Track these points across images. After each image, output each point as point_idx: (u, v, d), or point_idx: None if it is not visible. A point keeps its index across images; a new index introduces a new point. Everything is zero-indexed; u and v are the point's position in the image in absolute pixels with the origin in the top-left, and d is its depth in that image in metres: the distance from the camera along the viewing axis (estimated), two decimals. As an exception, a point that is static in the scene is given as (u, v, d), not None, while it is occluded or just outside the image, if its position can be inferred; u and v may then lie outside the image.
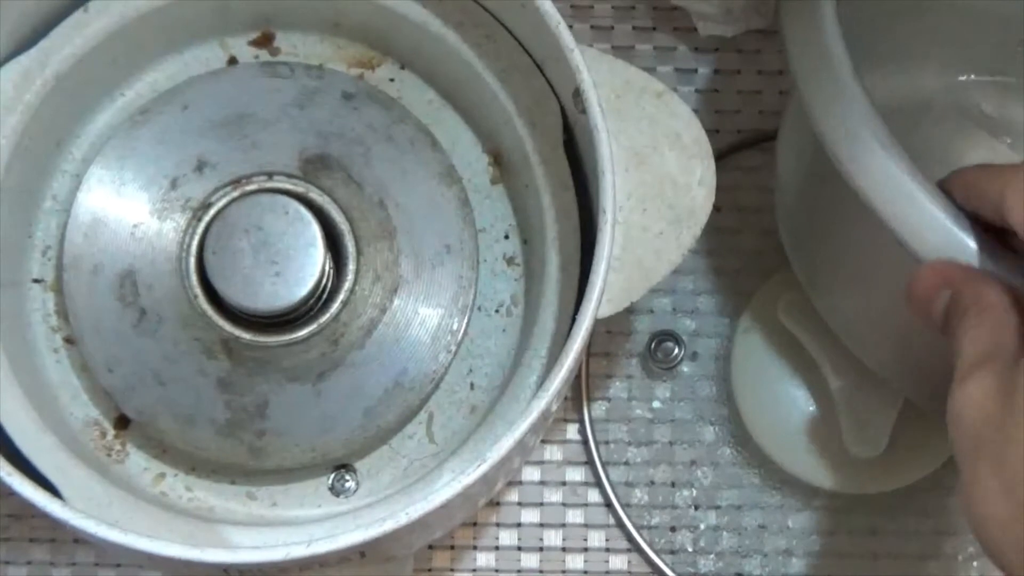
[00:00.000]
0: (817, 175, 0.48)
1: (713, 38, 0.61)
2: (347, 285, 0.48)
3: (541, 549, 0.58)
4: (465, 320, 0.49)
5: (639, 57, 0.62)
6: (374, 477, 0.49)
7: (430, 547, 0.57)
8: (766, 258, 0.60)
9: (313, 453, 0.48)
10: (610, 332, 0.59)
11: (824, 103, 0.43)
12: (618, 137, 0.46)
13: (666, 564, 0.57)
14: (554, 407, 0.44)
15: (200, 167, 0.49)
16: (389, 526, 0.40)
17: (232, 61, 0.52)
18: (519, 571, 0.57)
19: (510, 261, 0.51)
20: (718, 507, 0.58)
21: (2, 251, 0.48)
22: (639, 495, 0.58)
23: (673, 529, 0.58)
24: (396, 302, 0.49)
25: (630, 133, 0.47)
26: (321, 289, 0.47)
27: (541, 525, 0.58)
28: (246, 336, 0.47)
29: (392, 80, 0.52)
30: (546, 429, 0.50)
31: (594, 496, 0.58)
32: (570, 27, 0.46)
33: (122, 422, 0.49)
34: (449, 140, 0.51)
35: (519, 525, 0.58)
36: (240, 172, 0.49)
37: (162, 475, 0.49)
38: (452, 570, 0.57)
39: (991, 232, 0.40)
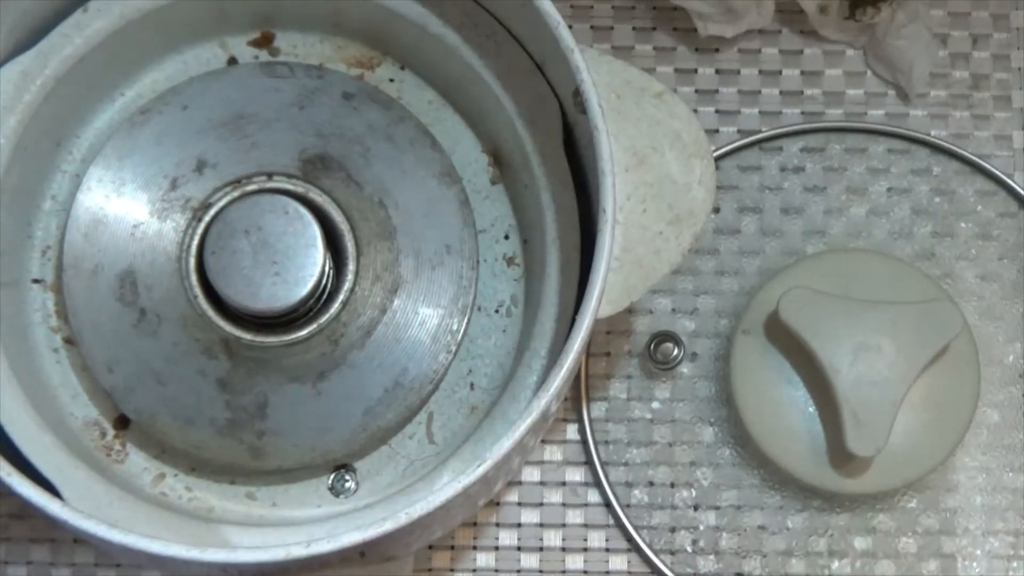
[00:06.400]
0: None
1: (713, 38, 0.61)
2: (347, 285, 0.48)
3: (541, 549, 0.58)
4: (465, 320, 0.49)
5: (639, 57, 0.62)
6: (374, 477, 0.49)
7: (430, 547, 0.57)
8: (766, 258, 0.60)
9: (313, 453, 0.48)
10: (610, 332, 0.59)
11: None
12: (618, 137, 0.46)
13: (665, 564, 0.57)
14: (554, 407, 0.44)
15: (200, 167, 0.49)
16: (389, 526, 0.40)
17: (232, 61, 0.52)
18: (519, 571, 0.57)
19: (510, 261, 0.51)
20: (718, 507, 0.58)
21: (2, 251, 0.48)
22: (639, 495, 0.58)
23: (673, 529, 0.58)
24: (396, 302, 0.49)
25: (630, 133, 0.47)
26: (321, 289, 0.47)
27: (541, 525, 0.58)
28: (246, 336, 0.47)
29: (392, 80, 0.52)
30: (546, 429, 0.50)
31: (594, 496, 0.58)
32: (570, 27, 0.46)
33: (122, 422, 0.49)
34: (449, 140, 0.51)
35: (519, 525, 0.58)
36: (240, 172, 0.49)
37: (162, 475, 0.49)
38: (452, 570, 0.57)
39: None
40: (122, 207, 0.49)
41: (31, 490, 0.41)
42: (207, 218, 0.48)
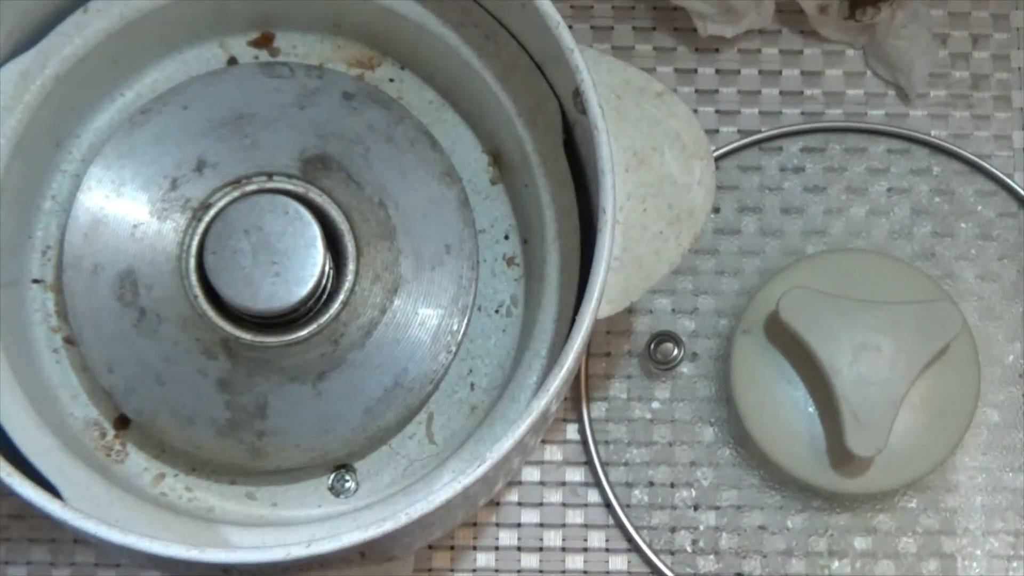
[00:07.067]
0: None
1: (713, 38, 0.61)
2: (347, 285, 0.48)
3: (541, 549, 0.58)
4: (465, 320, 0.49)
5: (639, 57, 0.62)
6: (374, 477, 0.49)
7: (430, 547, 0.57)
8: (766, 258, 0.60)
9: (313, 453, 0.48)
10: (610, 332, 0.59)
11: None
12: (618, 137, 0.46)
13: (665, 565, 0.57)
14: (554, 407, 0.44)
15: (200, 167, 0.49)
16: (389, 526, 0.40)
17: (232, 61, 0.52)
18: (519, 571, 0.57)
19: (510, 261, 0.51)
20: (718, 508, 0.58)
21: (2, 251, 0.48)
22: (639, 495, 0.58)
23: (673, 530, 0.58)
24: (396, 302, 0.49)
25: (630, 133, 0.47)
26: (321, 289, 0.47)
27: (541, 525, 0.58)
28: (246, 336, 0.47)
29: (392, 80, 0.52)
30: (546, 429, 0.50)
31: (594, 496, 0.58)
32: (570, 27, 0.46)
33: (122, 422, 0.49)
34: (449, 140, 0.51)
35: (519, 525, 0.58)
36: (240, 172, 0.49)
37: (162, 475, 0.49)
38: (452, 570, 0.57)
39: None
40: (122, 207, 0.49)
41: (31, 490, 0.41)
42: (207, 218, 0.48)
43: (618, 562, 0.57)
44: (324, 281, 0.47)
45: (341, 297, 0.48)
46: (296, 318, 0.48)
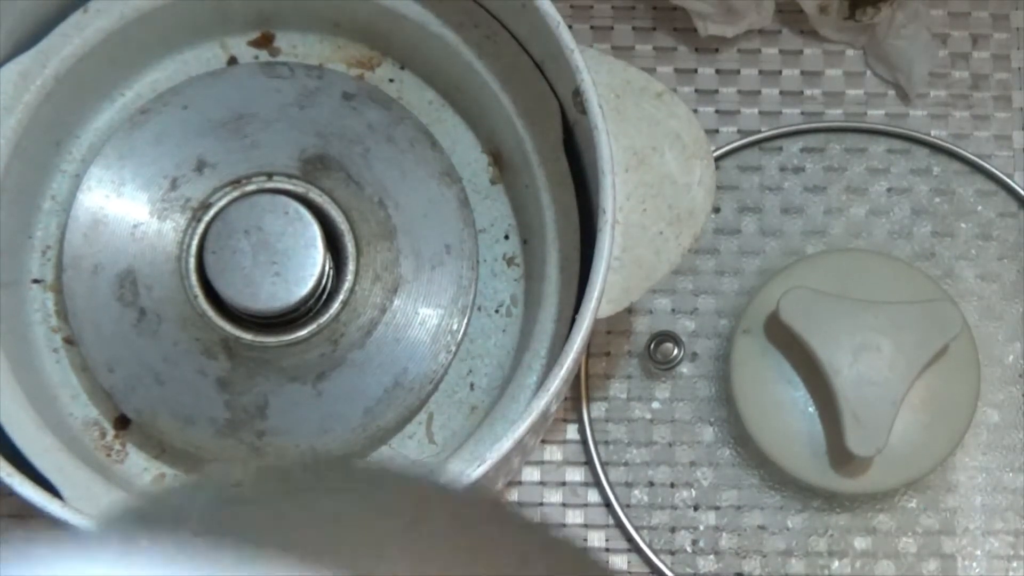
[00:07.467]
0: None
1: (713, 38, 0.61)
2: (347, 285, 0.48)
3: (541, 549, 0.57)
4: (465, 320, 0.49)
5: (639, 57, 0.62)
6: (374, 477, 0.49)
7: (430, 547, 0.57)
8: (766, 258, 0.60)
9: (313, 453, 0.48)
10: (610, 332, 0.59)
11: None
12: (618, 137, 0.46)
13: (665, 564, 0.57)
14: (554, 407, 0.44)
15: (200, 167, 0.49)
16: (389, 526, 0.40)
17: (232, 61, 0.52)
18: (519, 571, 0.57)
19: (510, 261, 0.51)
20: (717, 508, 0.58)
21: (2, 251, 0.48)
22: (638, 495, 0.58)
23: (673, 530, 0.58)
24: (396, 302, 0.49)
25: (630, 133, 0.47)
26: (321, 289, 0.47)
27: (541, 525, 0.58)
28: (246, 336, 0.47)
29: (392, 80, 0.52)
30: (546, 429, 0.50)
31: (593, 496, 0.58)
32: (570, 27, 0.46)
33: (122, 422, 0.49)
34: (449, 140, 0.51)
35: (519, 525, 0.58)
36: (240, 172, 0.49)
37: (162, 475, 0.49)
38: (452, 570, 0.57)
39: None
40: (122, 207, 0.49)
41: (31, 490, 0.41)
42: (207, 218, 0.48)
43: (618, 562, 0.57)
44: (324, 281, 0.47)
45: (341, 297, 0.48)
46: (296, 318, 0.48)
